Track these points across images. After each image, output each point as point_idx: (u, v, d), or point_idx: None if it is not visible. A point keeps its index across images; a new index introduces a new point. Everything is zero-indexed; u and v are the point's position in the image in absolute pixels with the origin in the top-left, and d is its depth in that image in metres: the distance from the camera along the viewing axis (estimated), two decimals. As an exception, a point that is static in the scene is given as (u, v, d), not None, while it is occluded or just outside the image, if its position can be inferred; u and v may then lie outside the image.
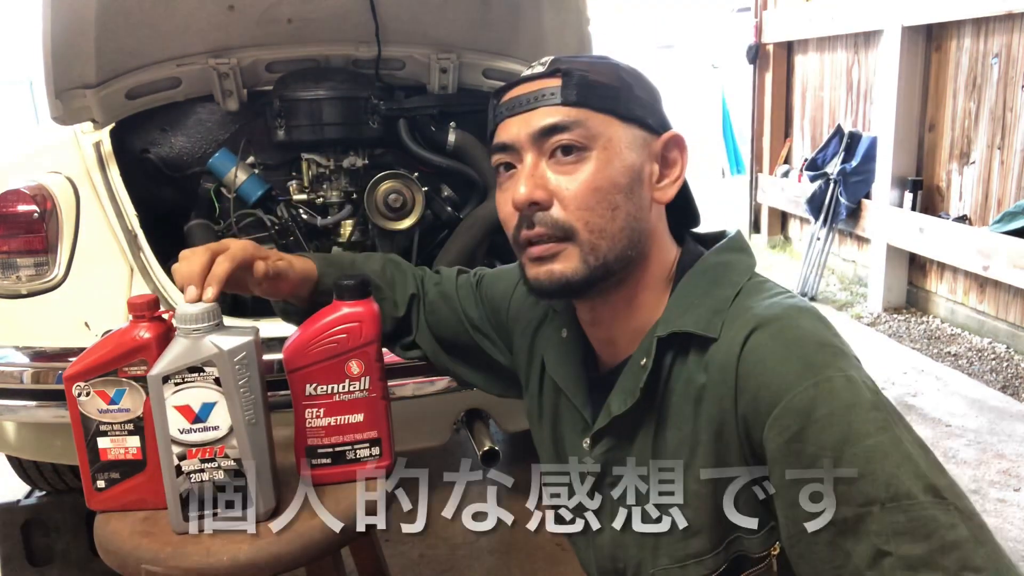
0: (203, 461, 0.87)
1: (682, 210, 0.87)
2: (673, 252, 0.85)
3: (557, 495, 0.94)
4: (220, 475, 0.88)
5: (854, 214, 4.38)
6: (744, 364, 0.71)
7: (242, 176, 2.07)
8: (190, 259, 0.87)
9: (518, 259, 0.83)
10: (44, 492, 2.00)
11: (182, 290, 0.86)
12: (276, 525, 0.89)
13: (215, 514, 0.89)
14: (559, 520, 0.96)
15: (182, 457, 0.86)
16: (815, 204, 4.48)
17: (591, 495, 0.87)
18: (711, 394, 0.74)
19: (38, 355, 1.55)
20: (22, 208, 1.61)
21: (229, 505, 0.89)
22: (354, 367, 0.93)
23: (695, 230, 0.91)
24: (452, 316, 1.05)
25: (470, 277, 1.08)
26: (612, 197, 0.77)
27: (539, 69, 0.80)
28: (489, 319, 1.04)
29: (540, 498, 0.99)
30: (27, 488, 2.05)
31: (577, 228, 0.77)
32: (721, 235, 0.87)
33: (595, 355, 0.89)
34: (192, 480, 0.87)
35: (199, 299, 0.84)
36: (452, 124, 2.18)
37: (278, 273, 0.94)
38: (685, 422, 0.77)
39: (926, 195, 3.95)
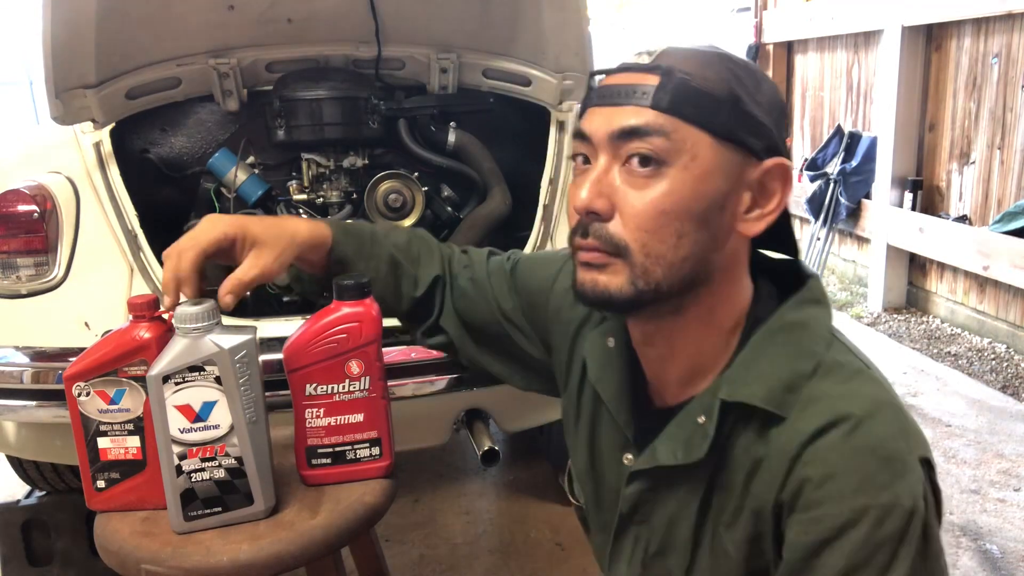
0: (203, 460, 0.87)
1: (776, 239, 0.78)
2: (746, 293, 0.77)
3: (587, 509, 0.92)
4: (221, 473, 0.88)
5: (854, 214, 4.38)
6: (805, 456, 0.67)
7: (242, 176, 2.07)
8: (165, 264, 0.86)
9: (572, 258, 0.76)
10: (44, 492, 2.00)
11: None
12: (276, 524, 0.89)
13: (215, 513, 0.89)
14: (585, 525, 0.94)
15: (182, 456, 0.86)
16: (815, 204, 4.48)
17: (618, 532, 0.84)
18: (765, 472, 0.70)
19: (38, 355, 1.54)
20: (22, 208, 1.61)
21: (229, 504, 0.89)
22: (354, 367, 0.93)
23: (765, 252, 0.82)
24: (483, 304, 0.99)
25: (503, 262, 1.01)
26: (680, 224, 0.69)
27: (644, 60, 0.71)
28: (524, 310, 0.98)
29: (568, 485, 0.97)
30: (27, 488, 2.05)
31: (633, 248, 0.70)
32: (794, 268, 0.79)
33: (643, 371, 0.83)
34: (192, 479, 0.87)
35: (173, 306, 0.84)
36: (452, 124, 2.18)
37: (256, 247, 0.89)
38: (734, 488, 0.72)
39: (926, 195, 3.95)
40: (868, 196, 4.30)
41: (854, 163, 4.29)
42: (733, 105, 0.69)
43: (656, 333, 0.78)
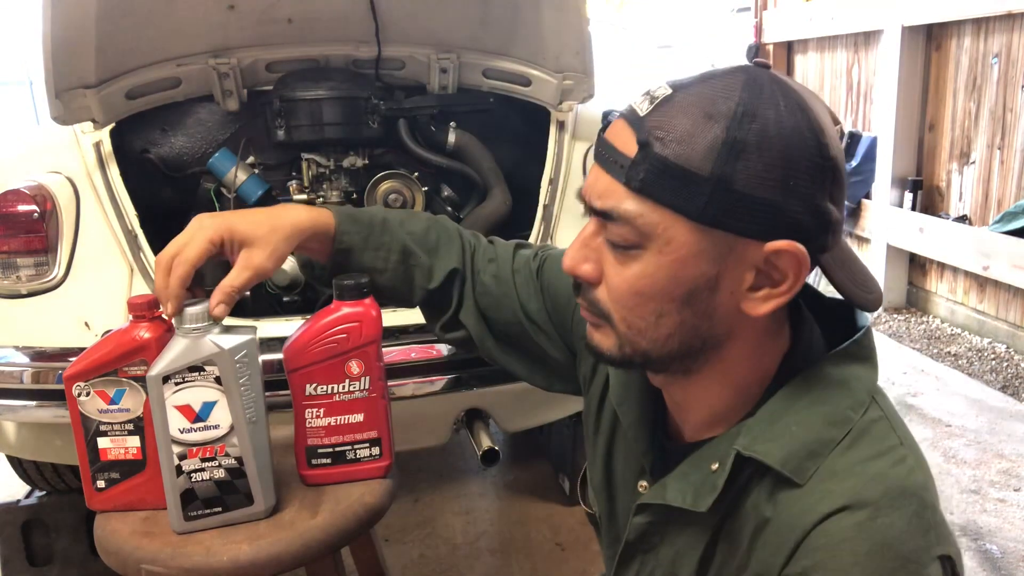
0: (203, 460, 0.87)
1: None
2: (774, 351, 0.71)
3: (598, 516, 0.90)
4: (221, 474, 0.88)
5: (854, 214, 4.38)
6: (816, 537, 0.61)
7: (242, 176, 2.07)
8: (156, 275, 0.84)
9: None
10: (44, 492, 2.00)
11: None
12: (276, 524, 0.89)
13: (215, 513, 0.89)
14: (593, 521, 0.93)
15: (182, 456, 0.86)
16: (815, 204, 4.48)
17: (624, 555, 0.81)
18: (772, 536, 0.65)
19: (38, 355, 1.55)
20: (22, 208, 1.61)
21: (229, 504, 0.89)
22: (354, 367, 0.93)
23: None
24: (506, 303, 0.96)
25: (530, 260, 0.97)
26: (657, 305, 0.65)
27: (644, 108, 0.63)
28: (549, 314, 0.94)
29: (581, 490, 0.96)
30: (27, 488, 2.05)
31: (615, 319, 0.68)
32: (843, 312, 0.73)
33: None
34: (192, 479, 0.87)
35: (173, 315, 0.84)
36: (452, 124, 2.18)
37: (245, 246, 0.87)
38: (740, 542, 0.68)
39: (926, 195, 3.95)
40: (868, 196, 4.30)
41: (854, 163, 4.29)
42: (716, 185, 0.60)
43: (668, 385, 0.76)
